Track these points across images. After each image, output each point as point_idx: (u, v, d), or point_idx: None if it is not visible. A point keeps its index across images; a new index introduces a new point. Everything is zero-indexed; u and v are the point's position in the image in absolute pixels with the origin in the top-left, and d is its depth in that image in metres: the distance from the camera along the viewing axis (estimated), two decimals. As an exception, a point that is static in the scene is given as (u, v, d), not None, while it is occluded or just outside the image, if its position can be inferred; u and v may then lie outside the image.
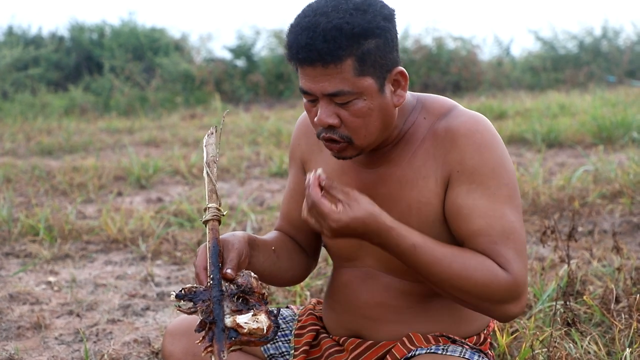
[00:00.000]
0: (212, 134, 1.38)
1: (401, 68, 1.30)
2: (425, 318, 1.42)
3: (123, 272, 3.02)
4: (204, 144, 1.37)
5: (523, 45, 17.54)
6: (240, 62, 12.16)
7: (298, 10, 1.27)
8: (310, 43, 1.21)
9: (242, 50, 12.11)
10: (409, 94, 1.39)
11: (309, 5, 1.27)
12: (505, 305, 1.27)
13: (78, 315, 2.50)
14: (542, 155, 5.13)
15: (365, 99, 1.26)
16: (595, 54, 12.73)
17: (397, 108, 1.32)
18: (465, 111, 1.35)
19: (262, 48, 12.21)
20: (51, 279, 2.91)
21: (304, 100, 1.31)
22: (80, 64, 12.77)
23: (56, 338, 2.31)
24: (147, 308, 2.59)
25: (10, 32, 13.10)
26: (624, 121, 6.07)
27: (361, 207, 1.22)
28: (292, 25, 1.27)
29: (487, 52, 13.10)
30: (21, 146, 6.82)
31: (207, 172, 1.34)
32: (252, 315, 1.20)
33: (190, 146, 6.58)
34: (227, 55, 12.30)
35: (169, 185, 4.90)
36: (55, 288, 2.81)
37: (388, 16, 1.26)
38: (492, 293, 1.25)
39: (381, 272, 1.43)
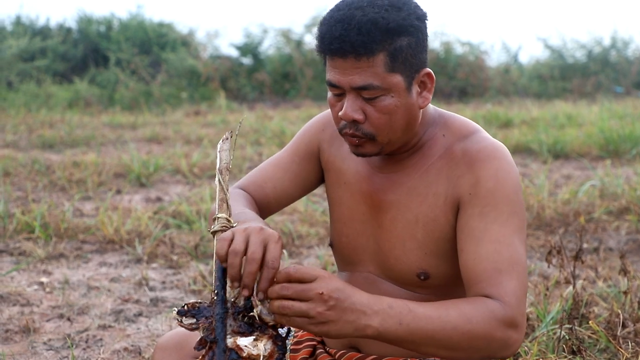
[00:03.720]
0: (227, 139, 1.30)
1: (429, 70, 1.30)
2: None
3: (117, 274, 2.96)
4: (218, 150, 1.29)
5: (531, 53, 17.47)
6: (247, 60, 12.10)
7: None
8: (344, 35, 1.21)
9: (249, 48, 12.05)
10: (432, 108, 1.38)
11: (343, 1, 1.27)
12: (505, 337, 1.21)
13: (69, 319, 2.44)
14: (548, 166, 5.06)
15: (393, 96, 1.25)
16: (604, 64, 12.65)
17: (421, 110, 1.31)
18: (485, 137, 1.33)
19: (269, 47, 12.16)
20: (44, 279, 2.85)
21: (329, 94, 1.30)
22: (87, 56, 12.73)
23: (45, 343, 2.25)
24: (140, 314, 2.53)
25: (18, 21, 13.07)
26: (631, 135, 6.00)
27: (333, 279, 1.15)
28: (325, 18, 1.27)
29: (494, 59, 13.04)
30: (23, 138, 6.77)
31: (219, 179, 1.26)
32: (254, 340, 1.13)
33: (192, 144, 6.52)
34: (234, 53, 12.25)
35: (169, 184, 4.84)
36: (48, 289, 2.75)
37: (421, 16, 1.27)
38: (492, 329, 1.20)
39: (381, 278, 1.41)
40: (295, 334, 1.55)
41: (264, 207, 1.50)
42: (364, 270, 1.43)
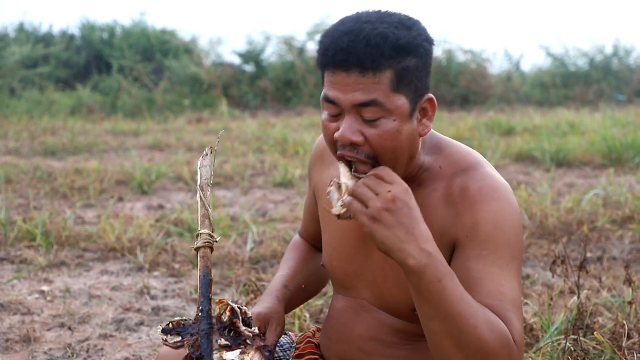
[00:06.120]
0: (207, 155, 1.31)
1: (432, 95, 1.23)
2: (419, 356, 1.35)
3: (119, 282, 2.95)
4: (198, 166, 1.30)
5: (533, 61, 17.45)
6: (249, 68, 12.11)
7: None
8: (351, 46, 1.14)
9: (251, 56, 12.06)
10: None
11: (348, 16, 1.20)
12: None
13: (69, 329, 2.43)
14: (551, 175, 5.05)
15: (395, 119, 1.17)
16: (606, 72, 12.65)
17: (421, 139, 1.25)
18: (485, 174, 1.26)
19: (272, 54, 12.16)
20: (45, 288, 2.84)
21: (324, 114, 1.22)
22: (90, 63, 12.75)
23: (45, 352, 2.23)
24: (141, 323, 2.51)
25: (21, 28, 13.09)
26: (634, 143, 5.99)
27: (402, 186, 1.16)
28: (329, 30, 1.19)
29: (496, 66, 13.04)
30: (25, 145, 6.77)
31: (200, 196, 1.27)
32: (240, 353, 1.13)
33: (194, 151, 6.52)
34: (236, 60, 12.26)
35: (171, 192, 4.84)
36: (48, 298, 2.73)
37: (429, 39, 1.21)
38: (500, 355, 1.15)
39: (375, 306, 1.37)
40: (297, 346, 1.53)
41: (315, 247, 1.58)
42: (357, 297, 1.39)
